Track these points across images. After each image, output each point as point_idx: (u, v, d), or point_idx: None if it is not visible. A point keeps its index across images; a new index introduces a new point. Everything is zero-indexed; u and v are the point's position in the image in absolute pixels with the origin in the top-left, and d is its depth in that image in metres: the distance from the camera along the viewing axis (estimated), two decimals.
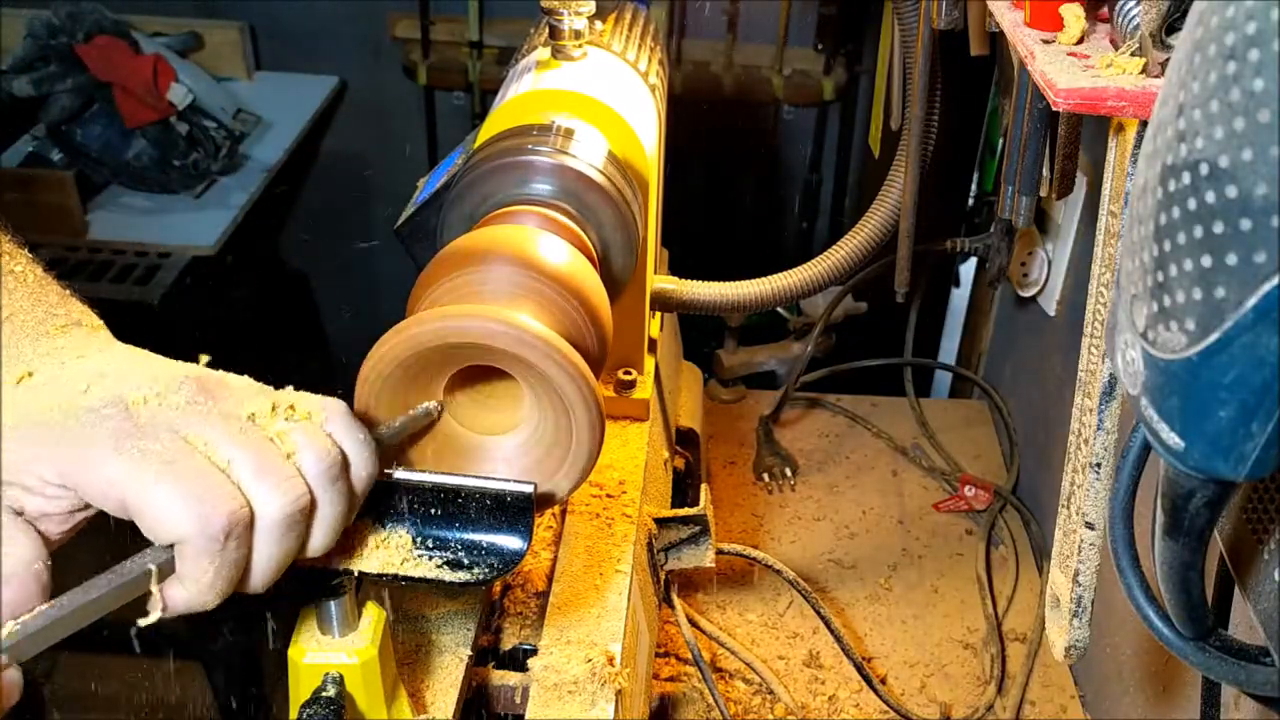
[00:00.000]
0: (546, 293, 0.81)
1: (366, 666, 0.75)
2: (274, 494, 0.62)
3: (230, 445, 0.62)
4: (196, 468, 0.61)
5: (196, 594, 0.62)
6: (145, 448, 0.60)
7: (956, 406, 1.94)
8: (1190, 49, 0.49)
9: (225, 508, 0.60)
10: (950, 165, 2.06)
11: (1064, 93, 0.77)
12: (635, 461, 1.15)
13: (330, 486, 0.66)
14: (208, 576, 0.61)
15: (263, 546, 0.63)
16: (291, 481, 0.63)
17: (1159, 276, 0.51)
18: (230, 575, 0.62)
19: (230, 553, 0.61)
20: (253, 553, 0.63)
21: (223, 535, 0.60)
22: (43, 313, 0.68)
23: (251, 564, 0.64)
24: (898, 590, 1.54)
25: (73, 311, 0.70)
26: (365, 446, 0.68)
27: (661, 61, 1.30)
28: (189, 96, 2.41)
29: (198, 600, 0.62)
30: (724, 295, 1.31)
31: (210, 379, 0.66)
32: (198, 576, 0.61)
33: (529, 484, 0.74)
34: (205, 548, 0.60)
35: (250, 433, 0.64)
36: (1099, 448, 0.91)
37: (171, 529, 0.60)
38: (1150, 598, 0.75)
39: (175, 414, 0.62)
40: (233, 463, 0.62)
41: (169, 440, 0.61)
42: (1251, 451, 0.51)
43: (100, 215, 2.38)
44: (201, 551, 0.60)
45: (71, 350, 0.66)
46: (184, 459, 0.60)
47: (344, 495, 0.67)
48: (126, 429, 0.60)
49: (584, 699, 0.89)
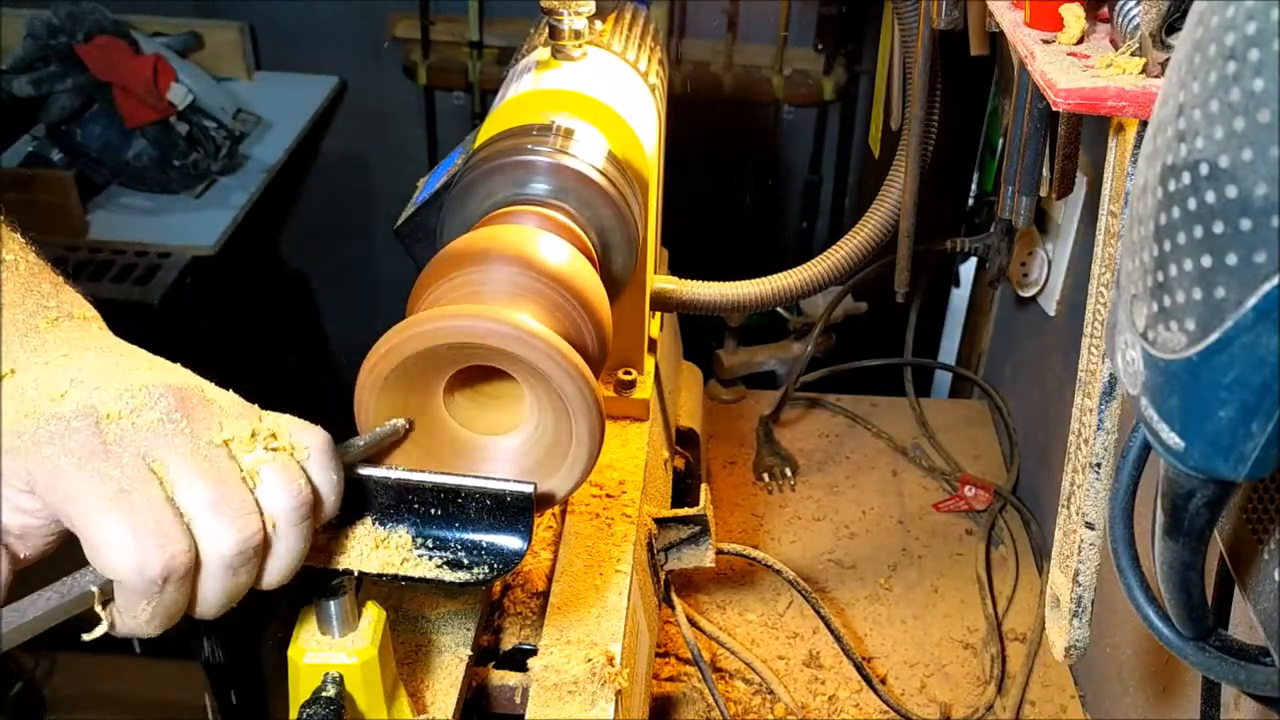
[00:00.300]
0: (546, 293, 0.81)
1: (366, 666, 0.75)
2: (228, 530, 0.61)
3: (191, 474, 0.61)
4: (148, 503, 0.59)
5: (133, 628, 0.61)
6: (105, 471, 0.59)
7: (956, 406, 1.94)
8: (1190, 49, 0.49)
9: (164, 553, 0.59)
10: (950, 165, 2.06)
11: (1064, 93, 0.77)
12: (635, 461, 1.15)
13: (295, 526, 0.64)
14: (144, 614, 0.60)
15: (210, 581, 0.62)
16: (247, 518, 0.62)
17: (1159, 276, 0.51)
18: (169, 612, 0.61)
19: (169, 595, 0.60)
20: (200, 587, 0.62)
21: (160, 580, 0.59)
22: (34, 305, 0.67)
23: (197, 597, 0.62)
24: (898, 590, 1.54)
25: (64, 303, 0.69)
26: (338, 485, 0.67)
27: (661, 61, 1.30)
28: (189, 96, 2.41)
29: (137, 631, 0.62)
30: (724, 295, 1.31)
31: (192, 393, 0.64)
32: (135, 614, 0.60)
33: (529, 484, 0.74)
34: (141, 589, 0.59)
35: (216, 462, 0.62)
36: (1099, 448, 0.91)
37: (109, 565, 0.59)
38: (1150, 598, 0.75)
39: (144, 434, 0.61)
40: (191, 494, 0.61)
41: (130, 466, 0.59)
42: (1251, 451, 0.51)
43: (100, 215, 2.38)
44: (137, 592, 0.59)
45: (58, 347, 0.65)
46: (139, 490, 0.59)
47: (306, 536, 0.65)
48: (92, 446, 0.59)
49: (584, 699, 0.89)
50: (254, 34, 2.74)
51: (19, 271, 0.69)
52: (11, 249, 0.70)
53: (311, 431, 0.67)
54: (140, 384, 0.63)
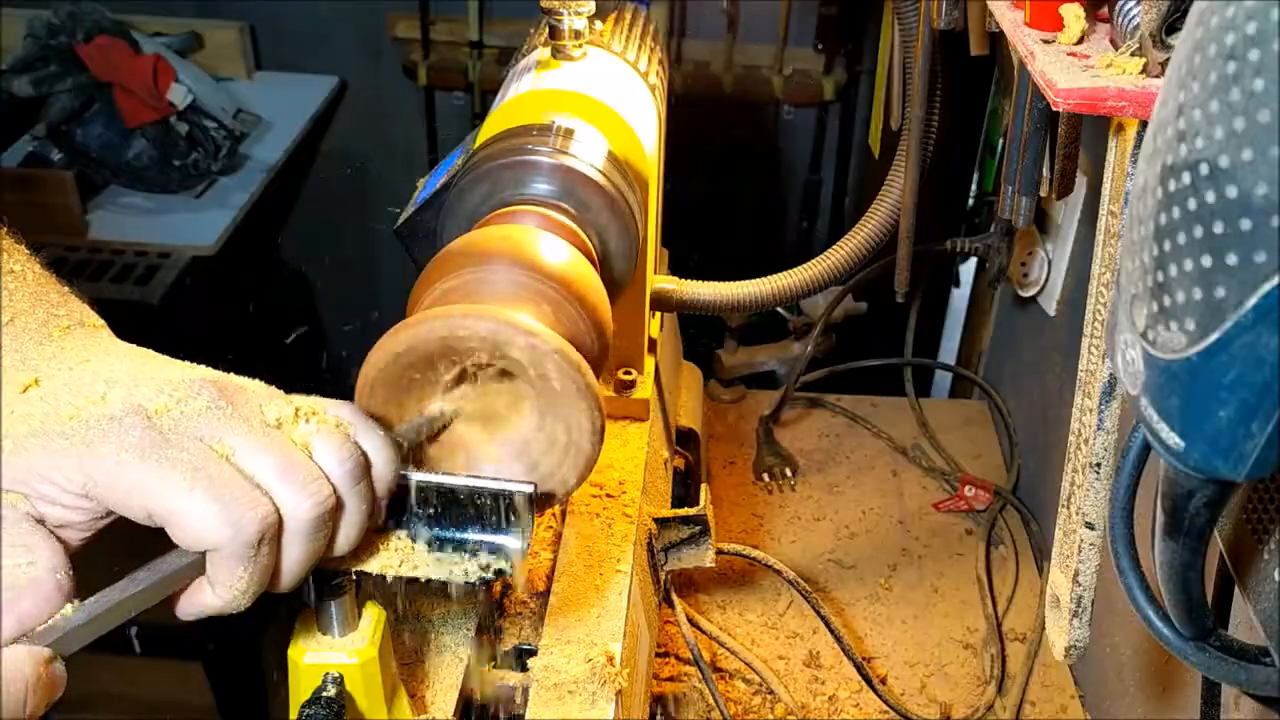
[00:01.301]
0: (546, 293, 0.81)
1: (366, 666, 0.75)
2: (301, 496, 0.63)
3: (255, 450, 0.63)
4: (225, 475, 0.61)
5: (231, 599, 0.63)
6: (174, 456, 0.60)
7: (956, 406, 1.94)
8: (1190, 49, 0.49)
9: (257, 514, 0.61)
10: (950, 165, 2.06)
11: (1064, 93, 0.77)
12: (635, 461, 1.15)
13: (354, 487, 0.66)
14: (241, 582, 0.62)
15: (292, 548, 0.64)
16: (318, 484, 0.64)
17: (1159, 276, 0.51)
18: (262, 580, 0.63)
19: (263, 558, 0.62)
20: (282, 555, 0.64)
21: (256, 541, 0.61)
22: (44, 314, 0.68)
23: (281, 566, 0.64)
24: (898, 590, 1.54)
25: (74, 311, 0.70)
26: (386, 447, 0.69)
27: (661, 61, 1.30)
28: (189, 96, 2.41)
29: (232, 604, 0.64)
30: (724, 295, 1.31)
31: (228, 383, 0.66)
32: (232, 583, 0.62)
33: (529, 484, 0.74)
34: (239, 554, 0.61)
35: (273, 436, 0.64)
36: (1099, 448, 0.91)
37: (205, 537, 0.60)
38: (1150, 598, 0.75)
39: (198, 420, 0.62)
40: (259, 467, 0.63)
41: (195, 448, 0.61)
42: (1251, 451, 0.51)
43: (100, 215, 2.38)
44: (235, 558, 0.61)
45: (75, 354, 0.66)
46: (212, 466, 0.61)
47: (367, 496, 0.67)
48: (151, 438, 0.60)
49: (584, 699, 0.89)
50: (254, 34, 2.74)
51: (27, 281, 0.70)
52: (18, 259, 0.71)
53: (343, 404, 0.69)
54: (178, 379, 0.65)
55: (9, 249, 0.71)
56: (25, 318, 0.67)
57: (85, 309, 0.71)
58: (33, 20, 2.37)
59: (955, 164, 2.10)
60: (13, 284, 0.69)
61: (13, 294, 0.68)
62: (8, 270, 0.69)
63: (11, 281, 0.69)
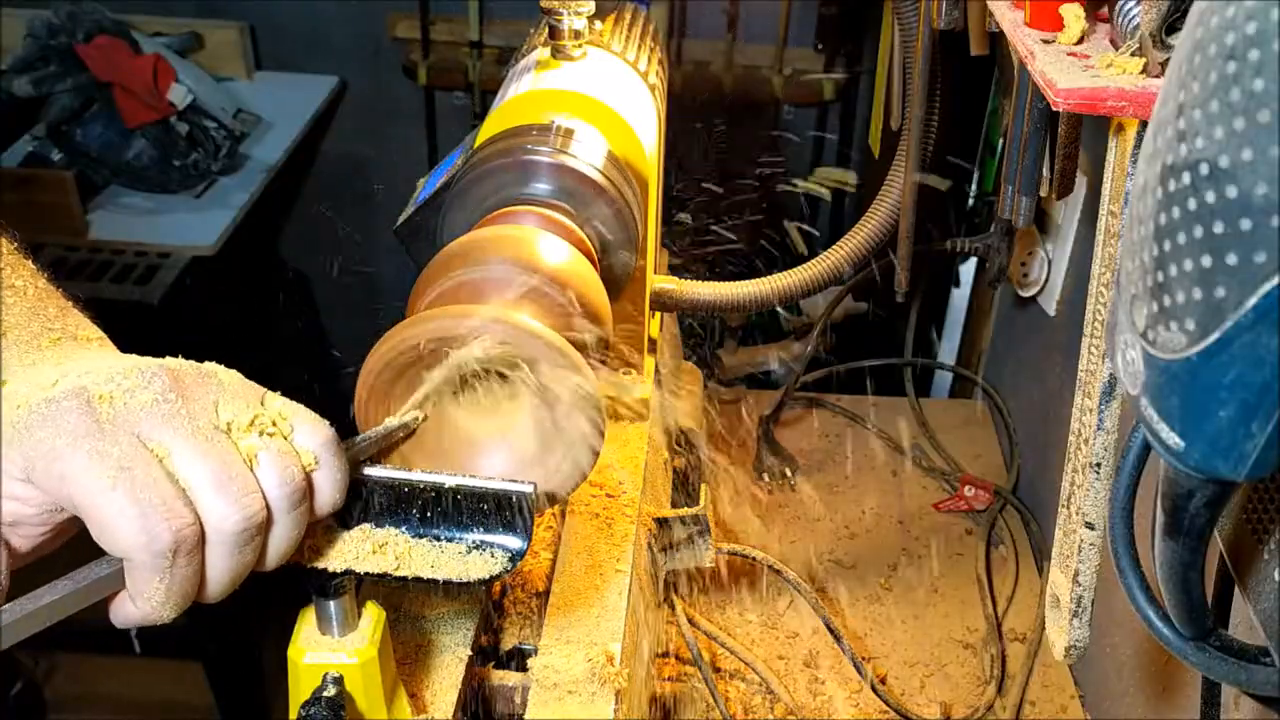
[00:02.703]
0: (546, 292, 0.81)
1: (366, 666, 0.75)
2: (230, 509, 0.61)
3: (193, 454, 0.61)
4: (150, 478, 0.59)
5: (150, 610, 0.61)
6: (103, 450, 0.58)
7: (956, 406, 1.94)
8: (1190, 49, 0.49)
9: (172, 525, 0.59)
10: (950, 165, 2.06)
11: (1064, 93, 0.77)
12: (635, 461, 1.15)
13: (290, 511, 0.64)
14: (159, 594, 0.60)
15: (217, 560, 0.62)
16: (250, 498, 0.62)
17: (1159, 276, 0.51)
18: (183, 591, 0.61)
19: (180, 569, 0.60)
20: (206, 565, 0.62)
21: (169, 553, 0.59)
22: (39, 327, 0.67)
23: (206, 576, 0.62)
24: (898, 590, 1.54)
25: (69, 325, 0.69)
26: (340, 483, 0.67)
27: (661, 61, 1.30)
28: (189, 96, 2.41)
29: (152, 615, 0.62)
30: (724, 295, 1.31)
31: (186, 374, 0.64)
32: (148, 594, 0.60)
33: (529, 484, 0.74)
34: (152, 564, 0.59)
35: (215, 441, 0.62)
36: (1099, 448, 0.91)
37: (118, 542, 0.59)
38: (1150, 598, 0.75)
39: (139, 414, 0.60)
40: (192, 473, 0.61)
41: (127, 444, 0.59)
42: (1251, 451, 0.51)
43: (100, 215, 2.38)
44: (149, 568, 0.59)
45: (54, 360, 0.65)
46: (140, 467, 0.59)
47: (300, 521, 0.65)
48: (85, 426, 0.59)
49: (584, 699, 0.89)
50: (254, 34, 2.74)
51: (27, 296, 0.69)
52: (21, 275, 0.71)
53: (316, 427, 0.67)
54: (130, 366, 0.62)
55: (14, 264, 0.71)
56: (19, 331, 0.66)
57: (84, 323, 0.71)
58: (33, 20, 2.37)
59: (955, 164, 2.10)
60: (11, 298, 0.68)
61: (10, 308, 0.67)
62: (8, 285, 0.69)
63: (11, 296, 0.68)
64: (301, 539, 0.67)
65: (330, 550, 0.72)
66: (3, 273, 0.70)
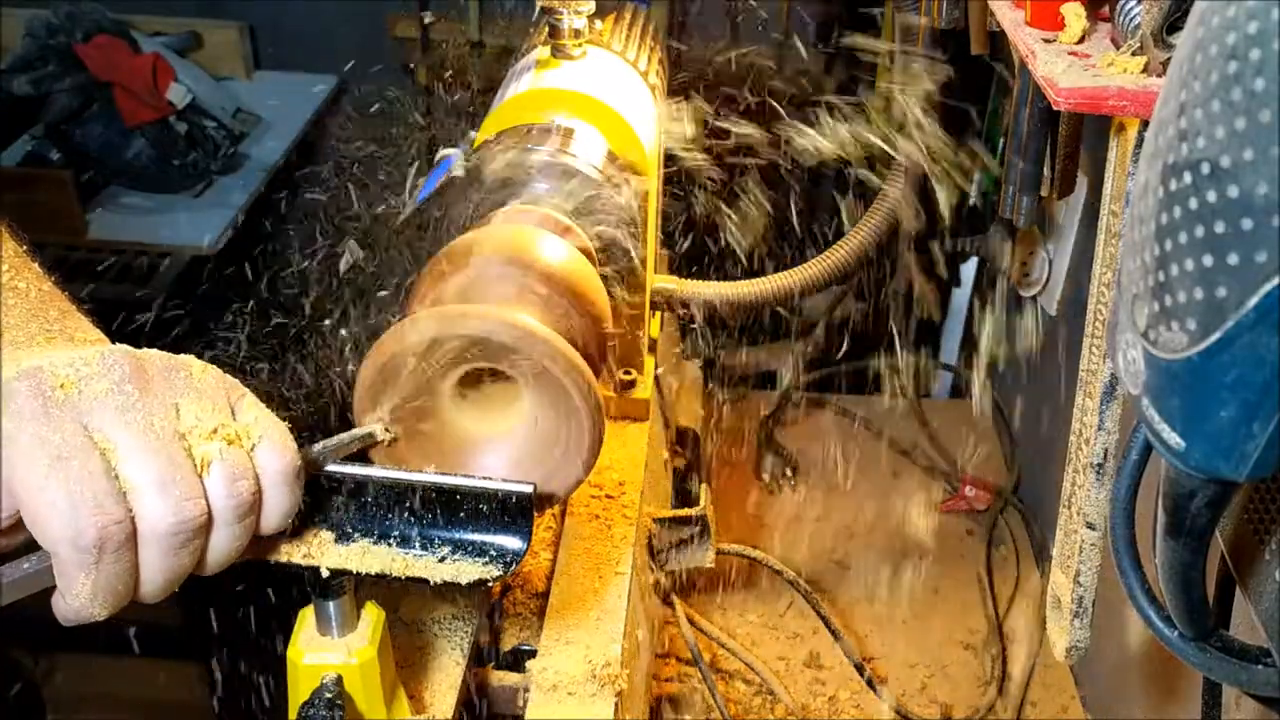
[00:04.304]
0: (546, 292, 0.81)
1: (366, 667, 0.75)
2: (167, 511, 0.60)
3: (139, 452, 0.59)
4: (88, 471, 0.58)
5: (78, 606, 0.60)
6: (45, 436, 0.57)
7: (956, 406, 1.94)
8: (1192, 48, 0.49)
9: (98, 521, 0.57)
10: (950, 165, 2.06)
11: (1065, 92, 0.77)
12: (635, 461, 1.15)
13: (233, 523, 0.63)
14: (85, 590, 0.59)
15: (151, 560, 0.61)
16: (190, 503, 0.60)
17: (1160, 276, 0.51)
18: (111, 589, 0.60)
19: (107, 567, 0.59)
20: (140, 565, 0.61)
21: (94, 549, 0.58)
22: (37, 328, 0.67)
23: (141, 575, 0.61)
24: (898, 591, 1.54)
25: (69, 328, 0.68)
26: (287, 502, 0.66)
27: (661, 61, 1.30)
28: (188, 96, 2.41)
29: (81, 612, 0.60)
30: (724, 295, 1.30)
31: (154, 366, 0.63)
32: (75, 589, 0.59)
33: (529, 484, 0.74)
34: (78, 560, 0.58)
35: (164, 441, 0.60)
36: (1100, 448, 0.91)
37: (46, 532, 0.58)
38: (1151, 598, 0.75)
39: (91, 402, 0.59)
40: (136, 471, 0.59)
41: (70, 433, 0.58)
42: (1253, 451, 0.51)
43: (100, 215, 2.38)
44: (74, 564, 0.58)
45: (41, 357, 0.64)
46: (78, 458, 0.58)
47: (244, 533, 0.64)
48: (32, 409, 0.58)
49: (583, 700, 0.89)
50: (253, 34, 2.73)
51: (29, 299, 0.69)
52: (25, 277, 0.70)
53: (280, 450, 0.65)
54: (94, 354, 0.61)
55: (18, 266, 0.70)
56: (16, 332, 0.66)
57: (84, 325, 0.70)
58: (32, 20, 2.37)
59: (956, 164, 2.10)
60: (13, 300, 0.68)
61: (10, 310, 0.67)
62: (10, 287, 0.68)
63: (12, 298, 0.68)
64: (245, 548, 0.65)
65: (331, 550, 0.72)
66: (5, 275, 0.69)
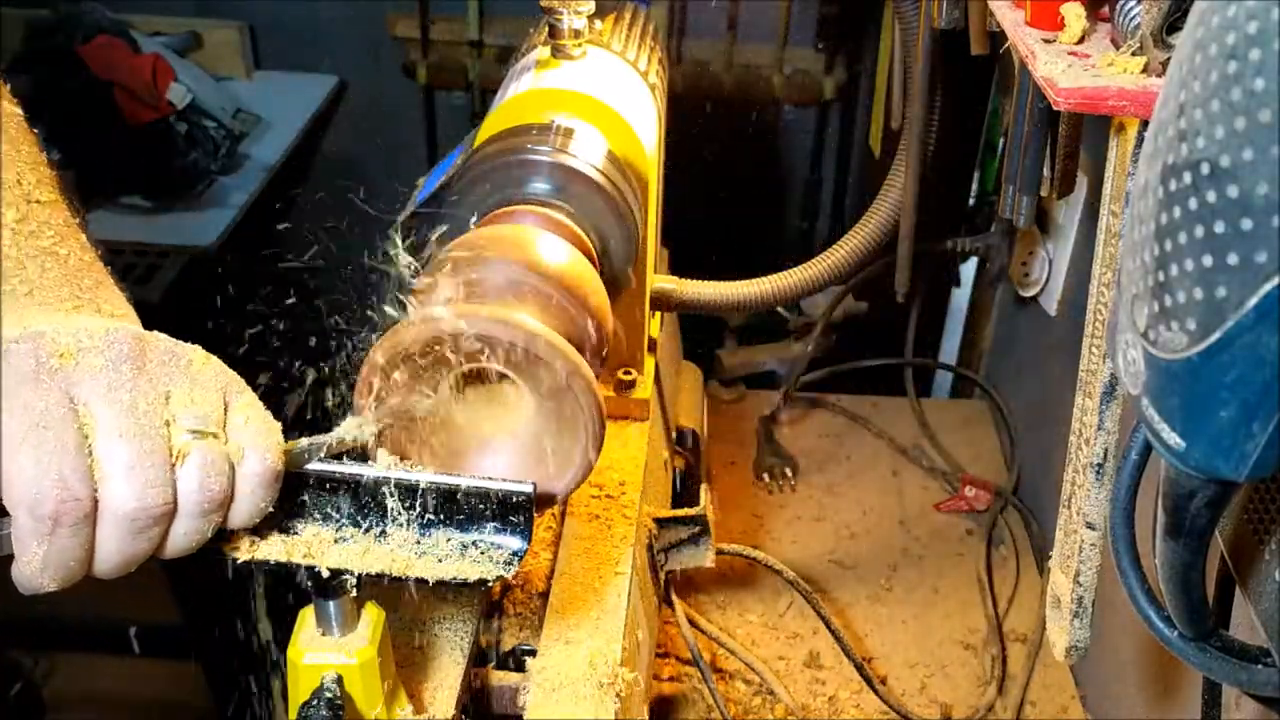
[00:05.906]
0: (546, 292, 0.81)
1: (365, 667, 0.75)
2: (129, 494, 0.61)
3: (116, 433, 0.60)
4: (62, 444, 0.59)
5: (28, 574, 0.61)
6: (30, 401, 0.58)
7: (956, 406, 1.94)
8: (1191, 48, 0.49)
9: (59, 495, 0.59)
10: (950, 165, 2.06)
11: (1065, 92, 0.77)
12: (635, 461, 1.15)
13: (195, 516, 0.64)
14: (36, 559, 0.60)
15: (106, 539, 0.62)
16: (155, 490, 0.61)
17: (1160, 276, 0.51)
18: (62, 561, 0.61)
19: (61, 540, 0.60)
20: (97, 543, 0.62)
21: (49, 520, 0.59)
22: (67, 293, 0.67)
23: (96, 553, 0.62)
24: (898, 590, 1.54)
25: (99, 298, 0.69)
26: (259, 504, 0.67)
27: (661, 61, 1.30)
28: (188, 96, 2.41)
29: (31, 580, 0.61)
30: (724, 295, 1.31)
31: (156, 350, 0.64)
32: (27, 557, 0.60)
33: (529, 484, 0.74)
34: (33, 528, 0.59)
35: (144, 427, 0.61)
36: (1100, 448, 0.91)
37: (9, 496, 0.59)
38: (1151, 598, 0.75)
39: (82, 375, 0.60)
40: (109, 452, 0.60)
41: (54, 401, 0.59)
42: (1252, 452, 0.51)
43: (100, 215, 2.37)
44: (29, 531, 0.59)
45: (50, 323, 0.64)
46: (54, 429, 0.59)
47: (207, 526, 0.65)
48: (25, 372, 0.59)
49: (583, 700, 0.89)
50: (253, 34, 2.73)
51: (67, 265, 0.69)
52: (68, 244, 0.71)
53: (264, 452, 0.66)
54: (102, 327, 0.62)
55: (64, 234, 0.71)
56: (47, 293, 0.66)
57: (114, 298, 0.70)
58: (32, 20, 2.37)
59: (955, 164, 2.10)
60: (50, 264, 0.68)
61: (46, 272, 0.67)
62: (51, 252, 0.69)
63: (50, 261, 0.68)
64: (206, 539, 0.66)
65: (331, 549, 0.72)
66: (49, 240, 0.70)
